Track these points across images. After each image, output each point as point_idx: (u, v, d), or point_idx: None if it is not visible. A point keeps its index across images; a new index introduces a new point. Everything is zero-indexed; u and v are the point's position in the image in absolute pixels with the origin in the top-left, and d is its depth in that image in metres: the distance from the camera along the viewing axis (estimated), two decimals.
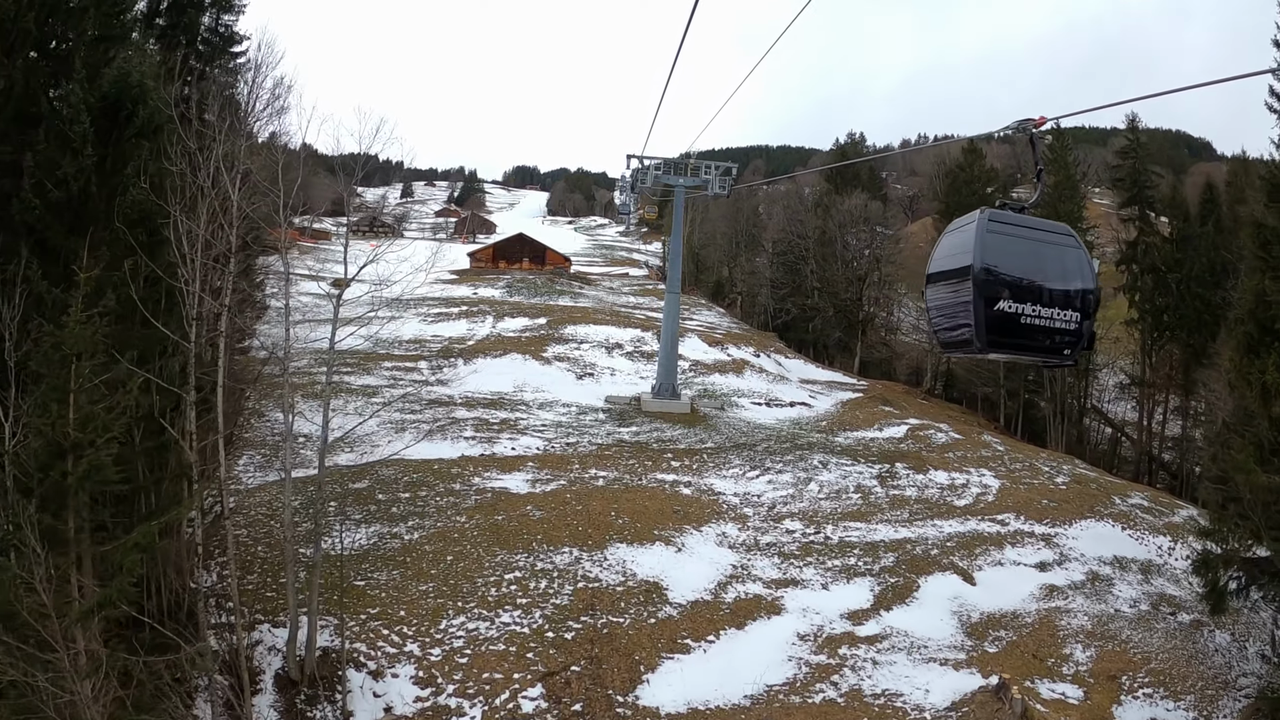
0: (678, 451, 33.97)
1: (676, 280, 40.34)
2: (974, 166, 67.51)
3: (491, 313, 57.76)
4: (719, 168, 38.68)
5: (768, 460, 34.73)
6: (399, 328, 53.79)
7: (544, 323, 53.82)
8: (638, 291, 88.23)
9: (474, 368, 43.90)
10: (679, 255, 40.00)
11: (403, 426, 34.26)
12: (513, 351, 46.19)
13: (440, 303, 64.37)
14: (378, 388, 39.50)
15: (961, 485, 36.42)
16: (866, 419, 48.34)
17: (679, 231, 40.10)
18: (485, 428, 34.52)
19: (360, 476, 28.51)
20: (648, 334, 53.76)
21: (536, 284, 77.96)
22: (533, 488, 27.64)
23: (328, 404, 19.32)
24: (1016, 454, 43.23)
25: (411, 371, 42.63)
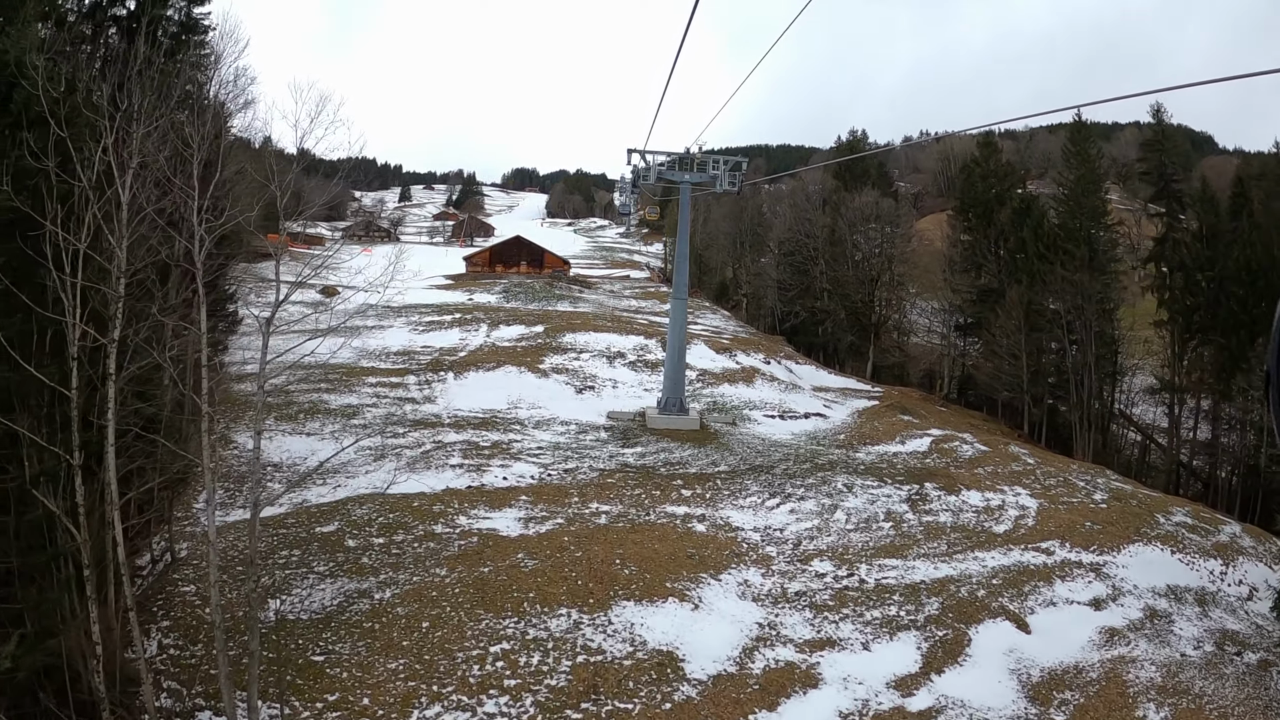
0: (688, 477, 30.18)
1: (683, 285, 36.54)
2: (989, 161, 63.71)
3: (486, 320, 53.97)
4: (727, 162, 34.92)
5: (788, 485, 30.96)
6: (386, 338, 50.08)
7: (541, 331, 50.02)
8: (639, 294, 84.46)
9: (465, 382, 40.10)
10: (685, 258, 36.21)
11: (383, 453, 30.49)
12: (507, 364, 42.39)
13: (432, 310, 60.58)
14: (359, 408, 35.73)
15: (998, 507, 32.82)
16: (886, 431, 44.62)
17: (685, 232, 36.30)
18: (475, 453, 30.74)
19: (329, 517, 24.74)
20: (651, 341, 49.97)
21: (534, 288, 74.21)
22: (525, 528, 23.85)
23: (259, 442, 15.43)
24: (1048, 467, 39.57)
25: (397, 388, 38.83)
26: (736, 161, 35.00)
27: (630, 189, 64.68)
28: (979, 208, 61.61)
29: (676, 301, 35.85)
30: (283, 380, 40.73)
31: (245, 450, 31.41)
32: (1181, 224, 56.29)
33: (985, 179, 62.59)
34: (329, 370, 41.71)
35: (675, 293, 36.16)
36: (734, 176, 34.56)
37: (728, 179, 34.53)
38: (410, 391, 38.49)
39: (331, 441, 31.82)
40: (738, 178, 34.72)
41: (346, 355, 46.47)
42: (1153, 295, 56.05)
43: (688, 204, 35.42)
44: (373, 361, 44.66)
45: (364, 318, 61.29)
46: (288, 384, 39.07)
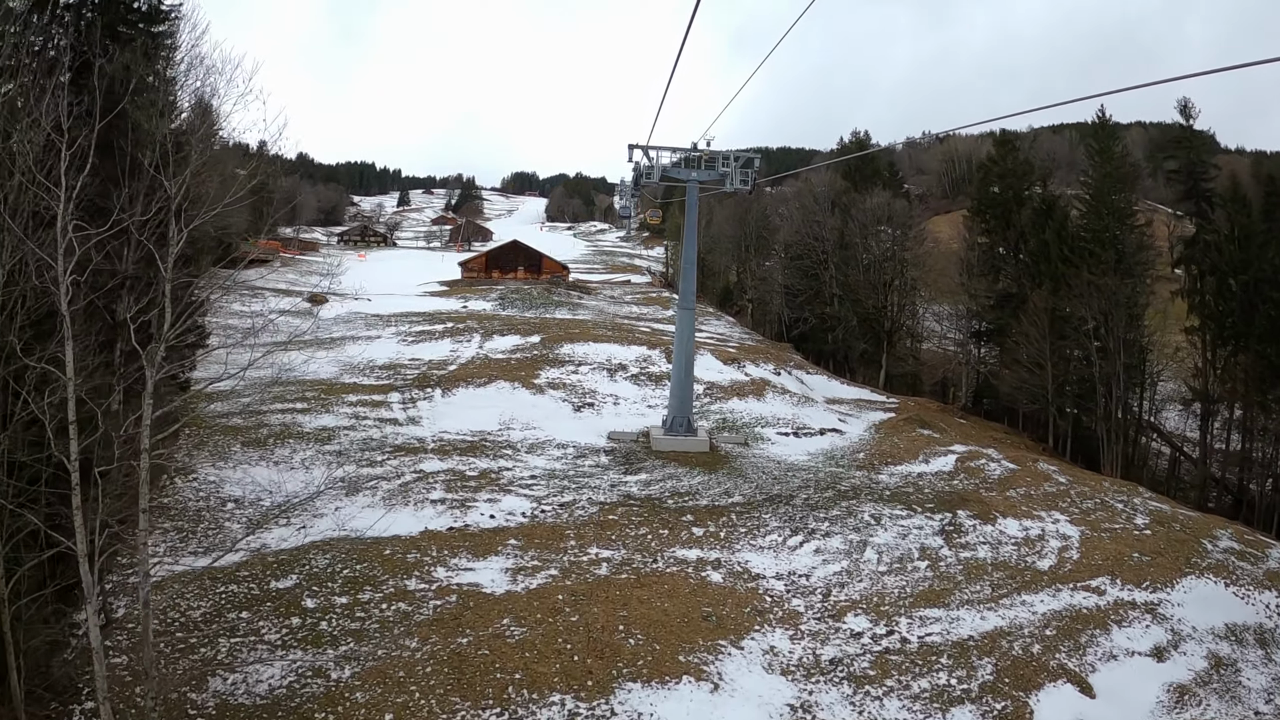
0: (700, 512, 26.59)
1: (691, 293, 32.91)
2: (1007, 159, 60.09)
3: (480, 330, 50.41)
4: (739, 158, 31.38)
5: (810, 518, 27.39)
6: (372, 350, 46.56)
7: (537, 341, 46.44)
8: (641, 300, 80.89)
9: (453, 400, 36.51)
10: (692, 264, 32.59)
11: (357, 485, 26.91)
12: (500, 379, 38.79)
13: (424, 319, 57.04)
14: (335, 431, 32.13)
15: (1038, 538, 29.44)
16: (908, 448, 41.06)
17: (692, 236, 32.69)
18: (460, 484, 27.15)
19: (289, 567, 21.16)
20: (655, 352, 46.40)
21: (532, 295, 70.66)
22: (513, 582, 20.27)
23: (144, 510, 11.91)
24: (1081, 486, 36.11)
25: (379, 407, 35.23)
26: (749, 158, 31.46)
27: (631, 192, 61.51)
28: (997, 209, 58.03)
29: (683, 312, 32.25)
30: (255, 399, 37.26)
31: (205, 483, 27.87)
32: (1212, 225, 52.78)
33: (1003, 178, 59.00)
34: (307, 387, 38.19)
35: (681, 301, 32.54)
36: (746, 174, 31.03)
37: (739, 177, 31.00)
38: (393, 411, 34.88)
39: (301, 472, 28.26)
40: (750, 176, 31.19)
41: (328, 370, 42.98)
42: (1183, 300, 52.51)
43: (695, 204, 31.83)
44: (355, 376, 41.09)
45: (351, 327, 57.86)
46: (260, 403, 35.56)
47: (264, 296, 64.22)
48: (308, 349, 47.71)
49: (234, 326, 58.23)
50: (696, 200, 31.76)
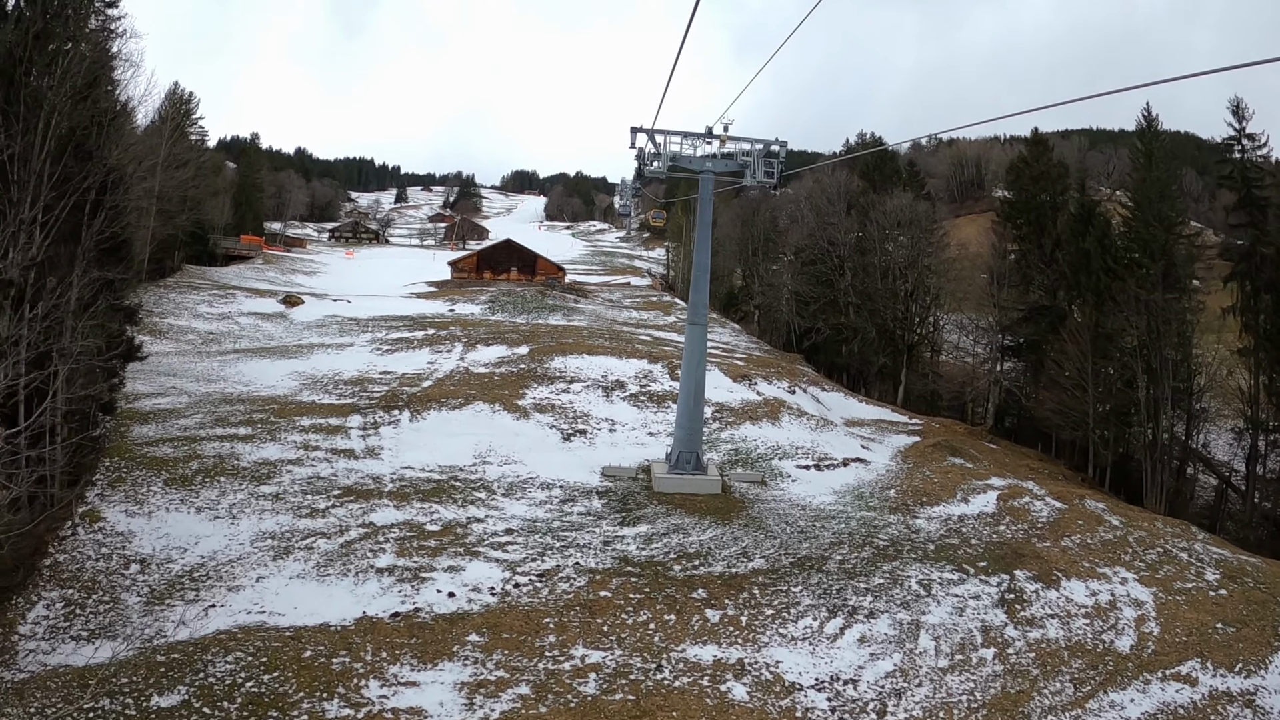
0: (714, 583, 21.07)
1: (703, 306, 27.28)
2: (1040, 160, 54.58)
3: (463, 339, 44.80)
4: (761, 145, 25.82)
5: (849, 590, 21.89)
6: (341, 360, 40.94)
7: (525, 353, 40.85)
8: (641, 304, 75.28)
9: (423, 426, 30.90)
10: (706, 271, 26.92)
11: (289, 545, 21.33)
12: (479, 399, 33.18)
13: (404, 324, 51.42)
14: (278, 466, 26.51)
15: (1109, 605, 24.10)
16: (942, 482, 35.66)
17: (706, 237, 26.98)
18: (416, 544, 21.59)
19: (179, 673, 15.58)
20: (657, 366, 40.84)
21: (525, 298, 65.03)
22: (469, 708, 14.70)
23: None
24: (1137, 530, 30.82)
25: (335, 434, 29.61)
26: (773, 147, 25.87)
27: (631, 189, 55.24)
28: (1030, 214, 52.57)
29: (694, 328, 26.63)
30: (198, 420, 31.66)
31: (112, 534, 22.26)
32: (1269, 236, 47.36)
33: (1036, 181, 53.50)
34: (257, 406, 32.59)
35: (692, 316, 26.91)
36: (771, 166, 25.47)
37: (761, 169, 25.43)
38: (350, 440, 29.24)
39: (226, 523, 22.65)
40: (776, 168, 25.61)
41: (287, 385, 37.38)
42: (1235, 318, 47.11)
43: (709, 200, 26.14)
44: (316, 393, 35.46)
45: (324, 332, 52.25)
46: (201, 425, 29.97)
47: (234, 296, 58.59)
48: (269, 357, 42.22)
49: (197, 331, 52.88)
50: (711, 195, 26.11)
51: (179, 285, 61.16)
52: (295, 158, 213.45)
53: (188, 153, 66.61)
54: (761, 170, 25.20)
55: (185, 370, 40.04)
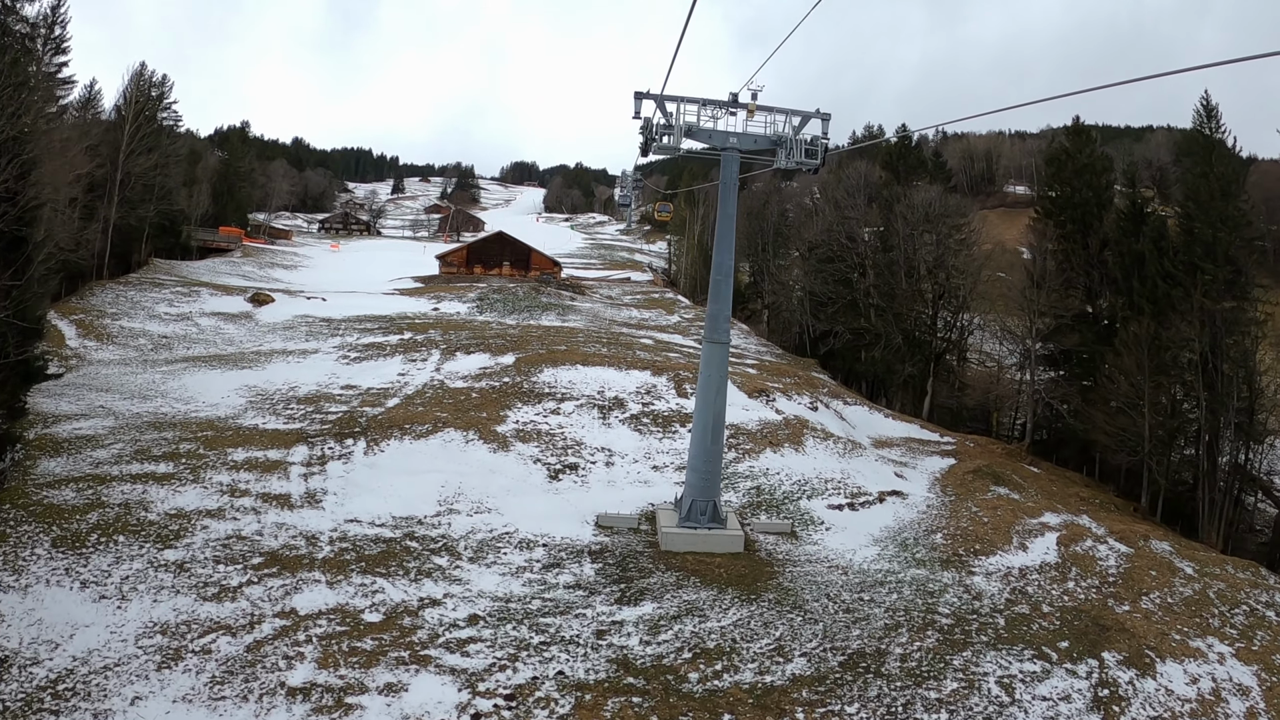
0: (742, 703, 15.33)
1: (724, 319, 21.26)
2: (1083, 152, 48.68)
3: (442, 345, 38.94)
4: (800, 118, 19.88)
5: (918, 703, 16.24)
6: (300, 371, 35.11)
7: (510, 363, 35.00)
8: (643, 302, 69.33)
9: (378, 461, 25.07)
10: (729, 276, 20.80)
11: (180, 646, 15.55)
12: (451, 426, 27.33)
13: (380, 326, 45.53)
14: (193, 518, 20.72)
15: (1212, 697, 19.10)
16: (993, 522, 30.18)
17: (729, 232, 20.70)
18: (346, 645, 15.82)
19: None
20: (661, 379, 35.03)
21: (516, 295, 59.09)
22: None
23: None
24: (1213, 579, 25.79)
25: (273, 471, 23.80)
26: (813, 116, 19.91)
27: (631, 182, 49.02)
28: (1073, 210, 46.71)
29: (712, 348, 20.69)
30: (114, 453, 25.87)
31: None
32: None
33: (1080, 174, 47.60)
34: (190, 432, 26.78)
35: (710, 332, 20.92)
36: (815, 144, 19.54)
37: (800, 147, 19.50)
38: (289, 480, 23.42)
39: (113, 604, 16.91)
40: (821, 146, 19.68)
41: (232, 402, 31.52)
42: None
43: (734, 184, 20.08)
44: (262, 415, 29.61)
45: (290, 335, 46.41)
46: (118, 459, 24.17)
47: (199, 294, 52.67)
48: (220, 367, 36.39)
49: (150, 334, 46.96)
50: (735, 179, 20.11)
51: (141, 282, 55.21)
52: (291, 148, 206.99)
53: (155, 139, 60.49)
54: (801, 148, 19.28)
55: (122, 384, 34.21)
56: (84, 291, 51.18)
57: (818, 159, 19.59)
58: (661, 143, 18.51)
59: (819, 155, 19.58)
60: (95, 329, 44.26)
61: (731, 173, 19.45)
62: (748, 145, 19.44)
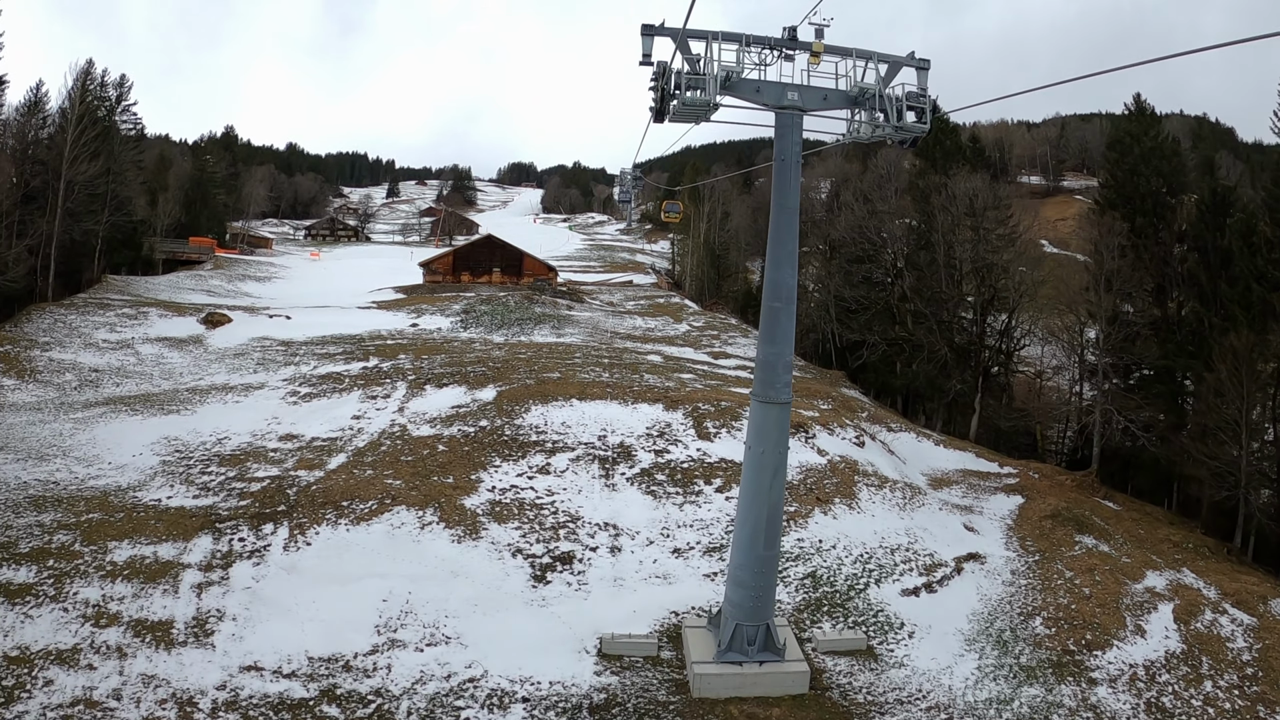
0: None
1: (784, 367, 13.74)
2: (1149, 134, 41.59)
3: (410, 375, 31.94)
4: (889, 64, 12.72)
5: None
6: (236, 415, 28.15)
7: (490, 400, 27.98)
8: (647, 309, 62.24)
9: (302, 560, 18.08)
10: (791, 303, 13.18)
11: None
12: (402, 503, 20.30)
13: (345, 349, 38.49)
14: (40, 664, 13.79)
15: None
16: (1096, 595, 24.17)
17: (789, 233, 13.31)
18: None
19: None
20: (677, 416, 28.03)
21: (507, 306, 52.04)
22: None
23: None
24: None
25: (158, 580, 16.89)
26: (906, 64, 12.85)
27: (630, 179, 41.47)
28: (1142, 201, 39.66)
29: (766, 409, 13.44)
30: None
31: None
32: None
33: (1146, 159, 40.52)
34: (68, 516, 19.85)
35: (762, 387, 13.53)
36: (916, 103, 12.46)
37: (895, 107, 12.39)
38: (177, 596, 16.48)
39: None
40: (925, 105, 12.59)
41: (141, 463, 24.54)
42: None
43: (795, 162, 12.76)
44: (171, 483, 22.61)
45: (239, 365, 39.49)
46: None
47: (147, 316, 45.65)
48: (143, 412, 29.52)
49: (80, 367, 39.98)
50: (798, 153, 12.86)
51: (87, 303, 48.13)
52: (284, 153, 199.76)
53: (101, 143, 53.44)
54: (893, 111, 12.26)
55: (23, 439, 27.28)
56: (20, 317, 44.08)
57: (924, 122, 12.60)
58: (686, 99, 11.40)
59: (924, 117, 12.58)
60: (18, 363, 37.26)
61: (791, 145, 12.44)
62: (814, 103, 12.45)
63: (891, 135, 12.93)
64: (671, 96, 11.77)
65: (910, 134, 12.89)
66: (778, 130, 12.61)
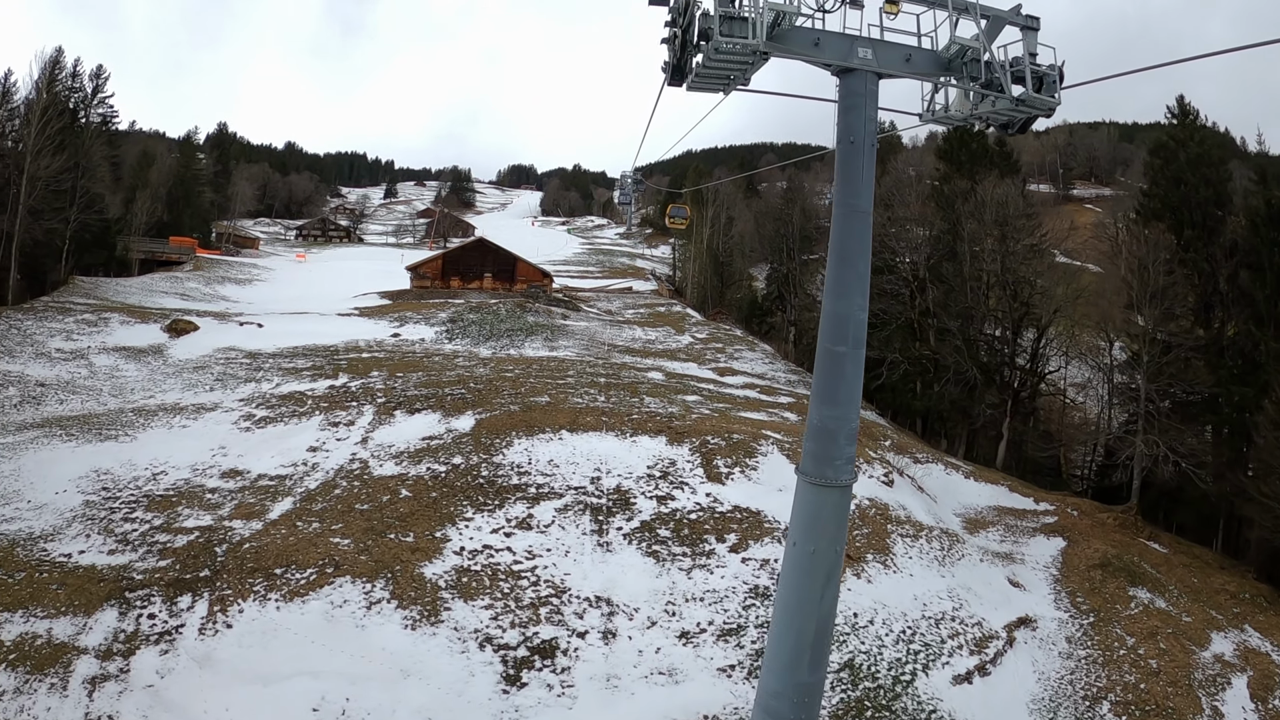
0: None
1: (848, 434, 8.09)
2: (1194, 139, 37.96)
3: (380, 397, 28.12)
4: (989, 18, 8.92)
5: None
6: (179, 444, 24.36)
7: (467, 432, 24.18)
8: (647, 318, 58.43)
9: (216, 652, 14.25)
10: (860, 343, 8.60)
11: None
12: (347, 573, 16.47)
13: (314, 364, 34.66)
14: None
15: None
16: (1164, 669, 21.89)
17: (862, 243, 8.37)
18: None
19: None
20: (683, 451, 24.23)
21: (497, 314, 48.20)
22: None
23: None
24: None
25: (46, 673, 13.08)
26: (1010, 21, 9.17)
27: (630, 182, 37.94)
28: (1189, 212, 36.00)
29: (821, 493, 9.14)
30: None
31: None
32: None
33: (1193, 167, 36.86)
34: None
35: (814, 463, 8.85)
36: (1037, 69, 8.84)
37: (1013, 69, 8.62)
38: (64, 695, 12.71)
39: None
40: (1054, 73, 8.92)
41: (58, 509, 20.70)
42: None
43: (871, 144, 8.63)
44: (87, 533, 18.82)
45: (196, 380, 35.66)
46: None
47: (108, 323, 41.77)
48: (78, 437, 25.74)
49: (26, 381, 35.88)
50: (874, 127, 8.80)
51: (48, 308, 44.16)
52: (283, 151, 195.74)
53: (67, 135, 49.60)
54: (1008, 73, 8.51)
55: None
56: None
57: (1052, 95, 8.84)
58: (720, 48, 7.39)
59: (1052, 89, 8.82)
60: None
61: (864, 120, 8.36)
62: (894, 65, 8.54)
63: (1004, 113, 9.15)
64: (695, 48, 8.02)
65: (1033, 111, 9.10)
66: (844, 101, 8.75)
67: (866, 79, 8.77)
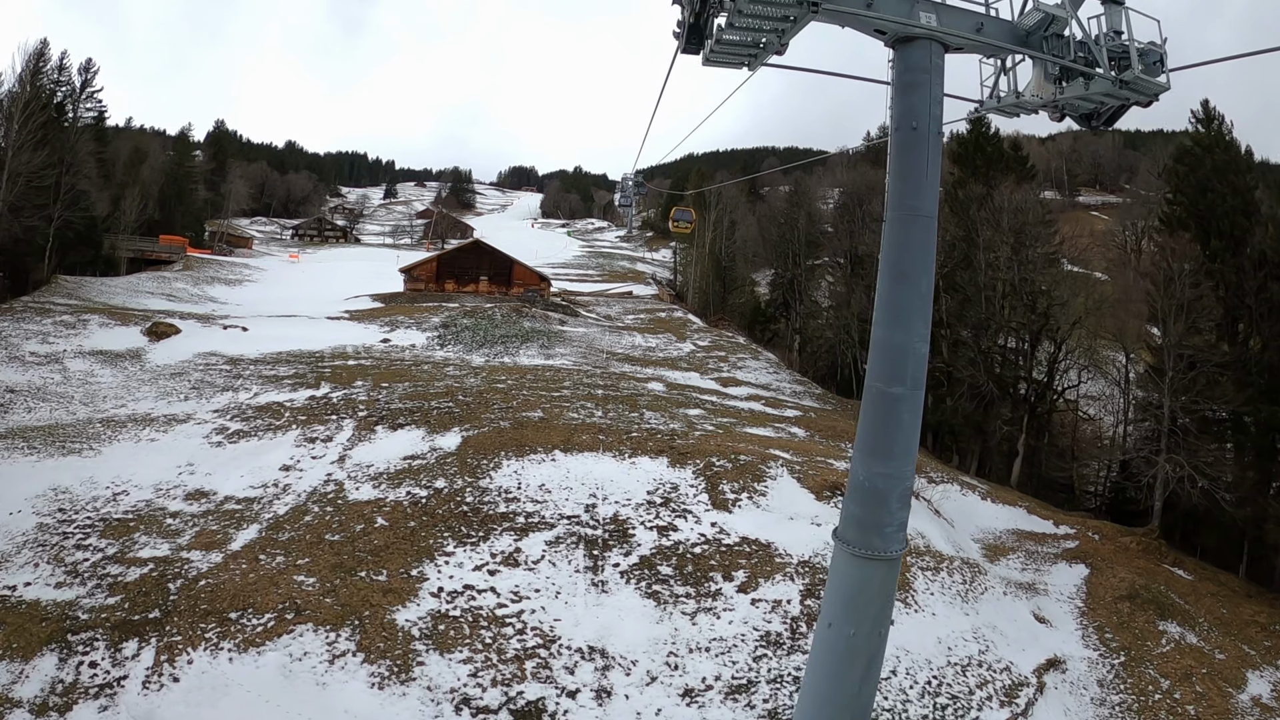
0: None
1: (900, 502, 7.07)
2: (1220, 146, 36.25)
3: (362, 410, 26.32)
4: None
5: None
6: (144, 462, 22.53)
7: (453, 451, 22.40)
8: (647, 324, 56.65)
9: (159, 711, 12.41)
10: (919, 384, 6.76)
11: None
12: (309, 620, 14.65)
13: (297, 371, 32.85)
14: None
15: None
16: (1203, 714, 18.55)
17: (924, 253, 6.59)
18: None
19: None
20: (685, 474, 22.44)
21: (493, 319, 46.41)
22: None
23: None
24: None
25: None
26: None
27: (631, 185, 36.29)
28: (1217, 222, 34.31)
29: (863, 567, 7.01)
30: None
31: None
32: None
33: (1220, 174, 35.16)
34: None
35: (854, 531, 6.70)
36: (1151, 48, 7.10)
37: (1104, 52, 6.85)
38: None
39: None
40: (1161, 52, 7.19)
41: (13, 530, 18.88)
42: None
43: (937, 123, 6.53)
44: (35, 562, 17.06)
45: (172, 388, 33.85)
46: None
47: (87, 325, 39.94)
48: (40, 450, 24.01)
49: None
50: (940, 109, 6.88)
51: (27, 308, 42.32)
52: (283, 150, 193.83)
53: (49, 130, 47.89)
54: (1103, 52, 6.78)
55: None
56: None
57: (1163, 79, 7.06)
58: (745, 9, 5.56)
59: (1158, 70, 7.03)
60: None
61: (929, 101, 6.51)
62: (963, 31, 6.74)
63: (1096, 99, 7.36)
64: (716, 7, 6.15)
65: (1136, 97, 7.28)
66: (902, 78, 6.88)
67: (931, 50, 6.91)
